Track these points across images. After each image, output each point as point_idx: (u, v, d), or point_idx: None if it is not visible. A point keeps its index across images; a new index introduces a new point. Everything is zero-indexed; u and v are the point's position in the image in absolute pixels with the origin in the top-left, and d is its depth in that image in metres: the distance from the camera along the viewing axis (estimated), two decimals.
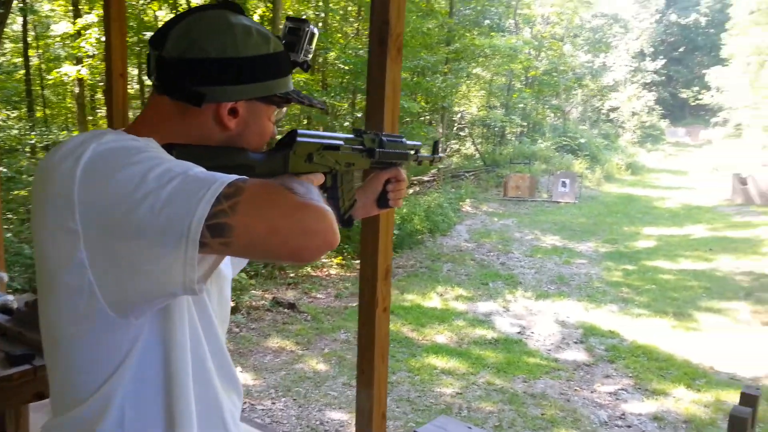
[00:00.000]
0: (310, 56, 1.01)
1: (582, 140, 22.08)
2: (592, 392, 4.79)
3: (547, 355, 5.56)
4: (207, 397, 0.92)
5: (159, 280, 0.74)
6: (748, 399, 1.99)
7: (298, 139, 1.02)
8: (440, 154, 1.48)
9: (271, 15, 10.66)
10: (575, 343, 5.87)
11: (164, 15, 10.80)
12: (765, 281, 7.66)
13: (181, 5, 10.71)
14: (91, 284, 0.76)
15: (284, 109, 1.00)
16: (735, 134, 29.46)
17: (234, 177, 0.75)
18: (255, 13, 11.62)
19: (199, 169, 0.76)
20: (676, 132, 40.20)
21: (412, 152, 1.35)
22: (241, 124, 0.91)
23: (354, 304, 6.77)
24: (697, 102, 37.31)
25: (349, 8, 13.50)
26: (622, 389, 4.82)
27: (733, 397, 4.56)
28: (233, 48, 0.87)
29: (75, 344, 0.81)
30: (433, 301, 7.02)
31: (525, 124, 22.97)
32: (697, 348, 5.63)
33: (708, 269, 8.65)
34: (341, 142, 1.13)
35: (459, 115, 20.25)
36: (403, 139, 1.31)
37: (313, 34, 0.99)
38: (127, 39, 4.12)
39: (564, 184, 15.00)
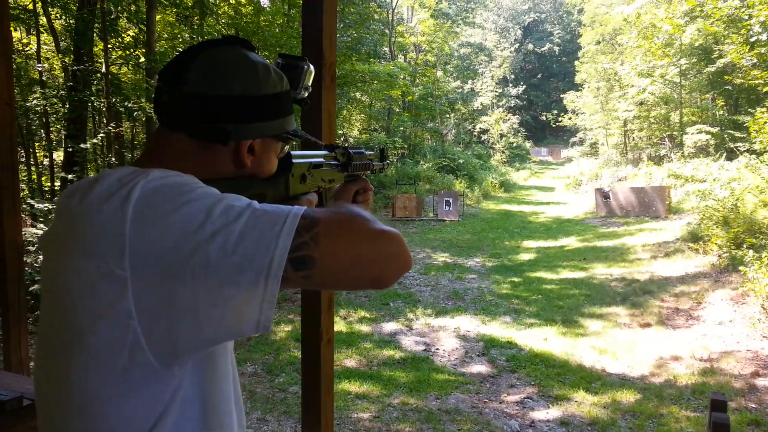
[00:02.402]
0: (307, 93, 1.02)
1: (460, 161, 23.22)
2: (500, 403, 4.97)
3: (454, 370, 5.70)
4: None
5: (228, 321, 0.70)
6: (719, 405, 2.14)
7: (294, 161, 1.02)
8: (387, 161, 1.52)
9: (145, 38, 10.20)
10: (478, 356, 6.08)
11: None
12: (636, 286, 8.43)
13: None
14: (137, 336, 0.69)
15: (288, 146, 1.00)
16: (591, 152, 32.42)
17: (301, 208, 0.73)
18: (127, 36, 11.06)
19: (256, 203, 0.73)
20: (540, 151, 43.60)
21: (370, 161, 1.37)
22: (256, 161, 0.91)
23: (257, 335, 6.55)
24: (557, 124, 40.64)
25: (228, 32, 13.23)
26: (528, 397, 5.05)
27: (627, 397, 4.96)
28: (256, 86, 0.86)
29: (109, 405, 0.72)
30: (337, 324, 6.96)
31: (406, 146, 23.73)
32: (587, 352, 6.05)
33: (585, 277, 9.38)
34: (322, 159, 1.15)
35: (342, 138, 20.47)
36: (363, 150, 1.34)
37: (311, 72, 1.00)
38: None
39: (448, 203, 15.64)
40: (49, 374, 0.76)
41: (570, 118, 35.91)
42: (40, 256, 0.76)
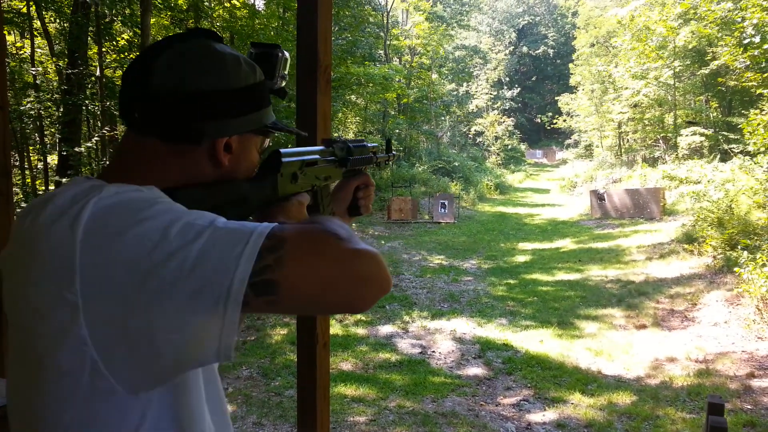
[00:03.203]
0: (285, 82, 0.97)
1: (456, 163, 23.25)
2: (497, 405, 4.96)
3: (450, 372, 5.69)
4: None
5: (186, 348, 0.65)
6: (717, 408, 2.14)
7: (284, 159, 0.97)
8: (394, 152, 1.47)
9: (139, 41, 10.19)
10: (474, 358, 6.07)
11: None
12: (632, 288, 8.45)
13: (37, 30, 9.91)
14: (94, 363, 0.65)
15: (268, 139, 0.95)
16: (586, 154, 32.51)
17: (268, 225, 0.67)
18: (121, 39, 11.05)
19: (222, 220, 0.68)
20: (535, 154, 43.69)
21: (373, 155, 1.33)
22: (234, 159, 0.85)
23: (252, 338, 6.53)
24: (552, 126, 40.75)
25: (223, 35, 13.23)
26: (524, 400, 5.05)
27: (623, 399, 4.96)
28: (226, 79, 0.81)
29: (77, 430, 0.68)
30: (333, 327, 6.95)
31: (402, 148, 23.74)
32: (583, 354, 6.05)
33: (580, 279, 9.39)
34: (317, 156, 1.10)
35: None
36: (365, 143, 1.29)
37: (286, 60, 0.95)
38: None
39: (443, 206, 15.65)
40: (16, 395, 0.73)
41: (565, 121, 36.02)
42: None
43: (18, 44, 10.45)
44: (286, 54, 0.95)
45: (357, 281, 0.67)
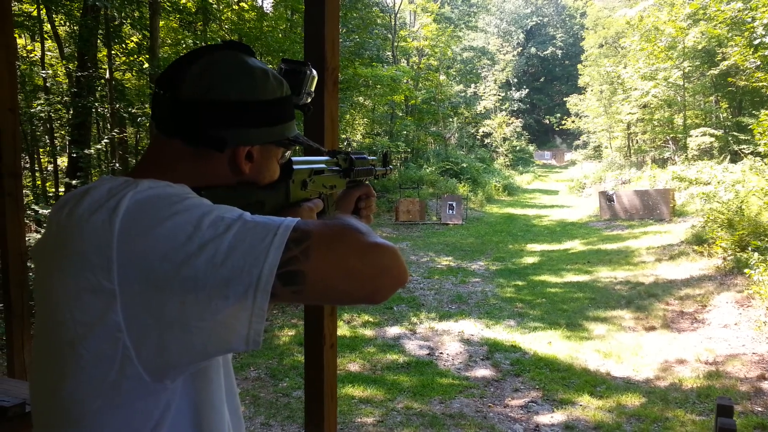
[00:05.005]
0: (310, 99, 1.01)
1: (464, 164, 23.20)
2: (505, 407, 4.95)
3: (458, 374, 5.68)
4: None
5: (217, 335, 0.68)
6: (726, 410, 2.13)
7: (295, 167, 1.01)
8: (390, 166, 1.50)
9: (148, 44, 10.25)
10: (482, 359, 6.06)
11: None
12: (641, 289, 8.40)
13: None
14: (126, 349, 0.68)
15: (289, 151, 0.99)
16: (595, 155, 32.39)
17: (293, 220, 0.71)
18: (130, 42, 11.12)
19: (248, 214, 0.72)
20: (543, 155, 43.56)
21: (373, 167, 1.36)
22: (255, 167, 0.89)
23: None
24: (560, 127, 40.62)
25: (231, 38, 13.29)
26: (532, 401, 5.03)
27: (632, 401, 4.93)
28: (253, 91, 0.85)
29: (101, 417, 0.71)
30: (341, 329, 6.95)
31: (409, 150, 23.75)
32: (591, 356, 6.03)
33: (589, 281, 9.35)
34: (324, 165, 1.13)
35: (345, 143, 20.50)
36: (366, 156, 1.32)
37: (314, 77, 0.99)
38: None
39: (451, 207, 15.63)
40: (42, 384, 0.76)
41: (573, 122, 35.90)
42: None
43: (29, 47, 10.55)
44: (314, 72, 0.99)
45: (377, 272, 0.70)
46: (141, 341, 0.69)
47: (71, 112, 9.48)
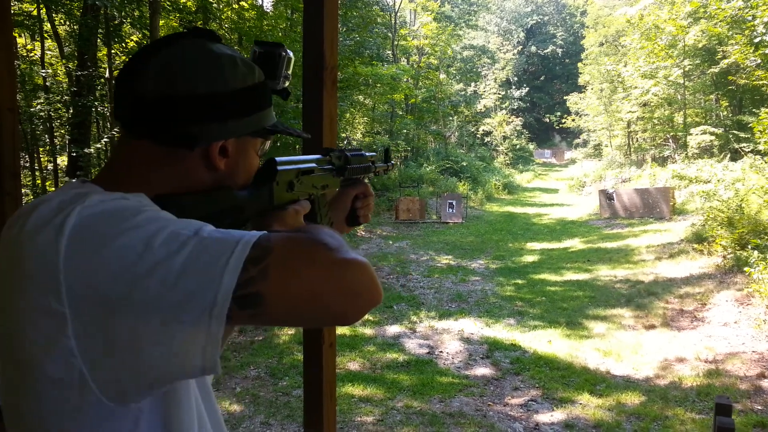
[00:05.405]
0: (288, 83, 0.94)
1: (464, 163, 23.21)
2: (504, 406, 4.95)
3: (458, 372, 5.68)
4: None
5: (171, 362, 0.64)
6: (724, 408, 2.12)
7: (279, 168, 0.95)
8: (391, 162, 1.45)
9: (148, 43, 10.24)
10: (482, 358, 6.06)
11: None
12: (641, 288, 8.40)
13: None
14: (82, 374, 0.64)
15: (268, 141, 0.93)
16: (595, 154, 32.37)
17: (254, 234, 0.65)
18: (130, 41, 11.12)
19: (209, 228, 0.67)
20: (543, 153, 43.53)
21: (371, 164, 1.31)
22: (231, 163, 0.83)
23: (260, 338, 6.54)
24: (561, 125, 40.59)
25: (232, 37, 13.29)
26: (532, 400, 5.03)
27: (631, 399, 4.94)
28: (221, 81, 0.78)
29: None
30: (340, 328, 6.96)
31: (409, 148, 23.74)
32: (591, 354, 6.03)
33: (589, 279, 9.35)
34: (314, 165, 1.08)
35: (345, 141, 20.50)
36: (363, 152, 1.28)
37: (290, 59, 0.92)
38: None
39: (451, 206, 15.63)
40: (10, 405, 0.72)
41: (573, 120, 35.87)
42: None
43: (29, 46, 10.55)
44: (290, 53, 0.92)
45: (345, 293, 0.64)
46: (95, 366, 0.64)
47: (71, 111, 9.49)
